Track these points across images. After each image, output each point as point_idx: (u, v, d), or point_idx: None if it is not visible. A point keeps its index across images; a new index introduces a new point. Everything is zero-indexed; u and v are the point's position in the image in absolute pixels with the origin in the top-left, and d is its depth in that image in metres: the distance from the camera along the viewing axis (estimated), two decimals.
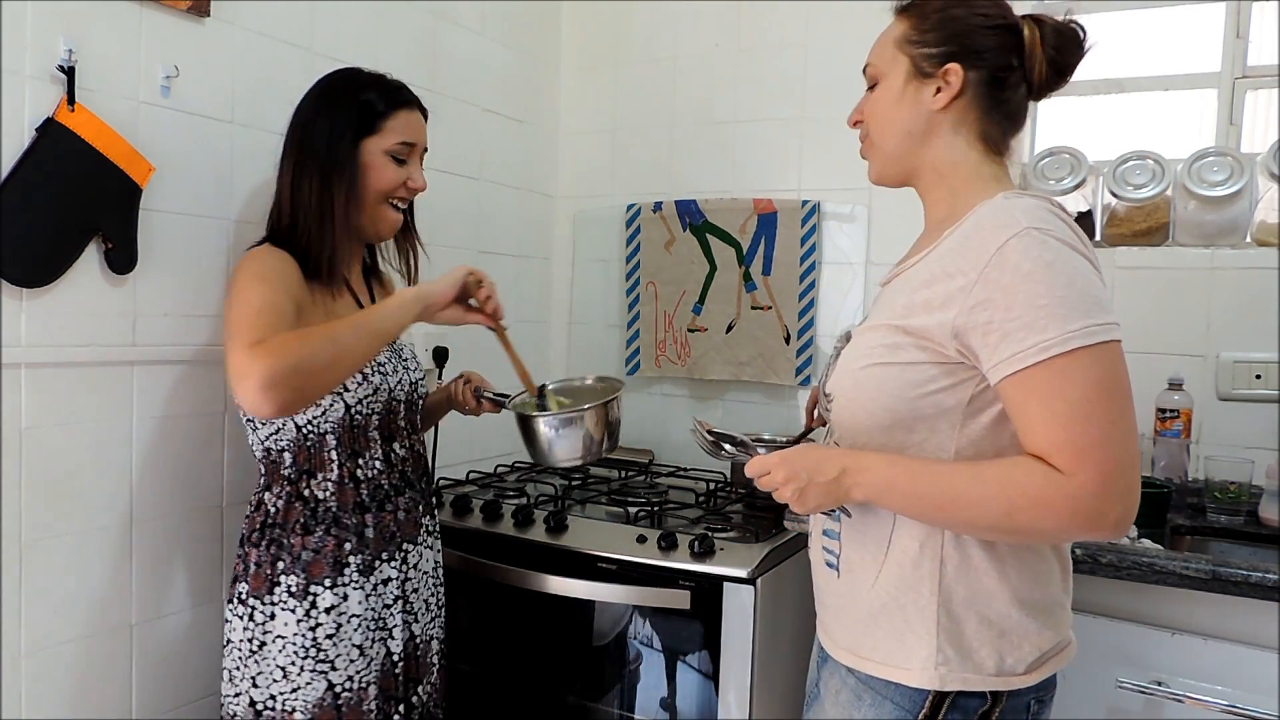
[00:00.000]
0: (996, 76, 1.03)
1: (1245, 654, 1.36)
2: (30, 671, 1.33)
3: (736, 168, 2.27)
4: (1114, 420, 0.87)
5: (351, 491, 1.36)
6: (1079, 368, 0.87)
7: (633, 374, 2.37)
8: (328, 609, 1.31)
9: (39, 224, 1.28)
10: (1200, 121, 2.03)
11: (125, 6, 1.39)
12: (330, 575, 1.32)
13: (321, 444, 1.34)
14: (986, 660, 0.98)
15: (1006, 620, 0.98)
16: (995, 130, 1.05)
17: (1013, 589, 0.98)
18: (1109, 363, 0.88)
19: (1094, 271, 0.92)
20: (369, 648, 1.36)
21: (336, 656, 1.32)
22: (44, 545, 1.34)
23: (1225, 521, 1.67)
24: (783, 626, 1.56)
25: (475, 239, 2.20)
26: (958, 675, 0.97)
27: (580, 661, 1.65)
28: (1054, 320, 0.87)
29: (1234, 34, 1.97)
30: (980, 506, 0.91)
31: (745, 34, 2.24)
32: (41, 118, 1.28)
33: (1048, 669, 1.00)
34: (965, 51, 1.02)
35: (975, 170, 1.04)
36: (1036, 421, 0.89)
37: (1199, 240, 1.86)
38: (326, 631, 1.31)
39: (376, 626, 1.37)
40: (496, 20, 2.22)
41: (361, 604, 1.34)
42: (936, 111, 1.04)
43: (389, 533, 1.39)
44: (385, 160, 1.38)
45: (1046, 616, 1.00)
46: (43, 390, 1.32)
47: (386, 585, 1.39)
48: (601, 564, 1.57)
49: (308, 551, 1.32)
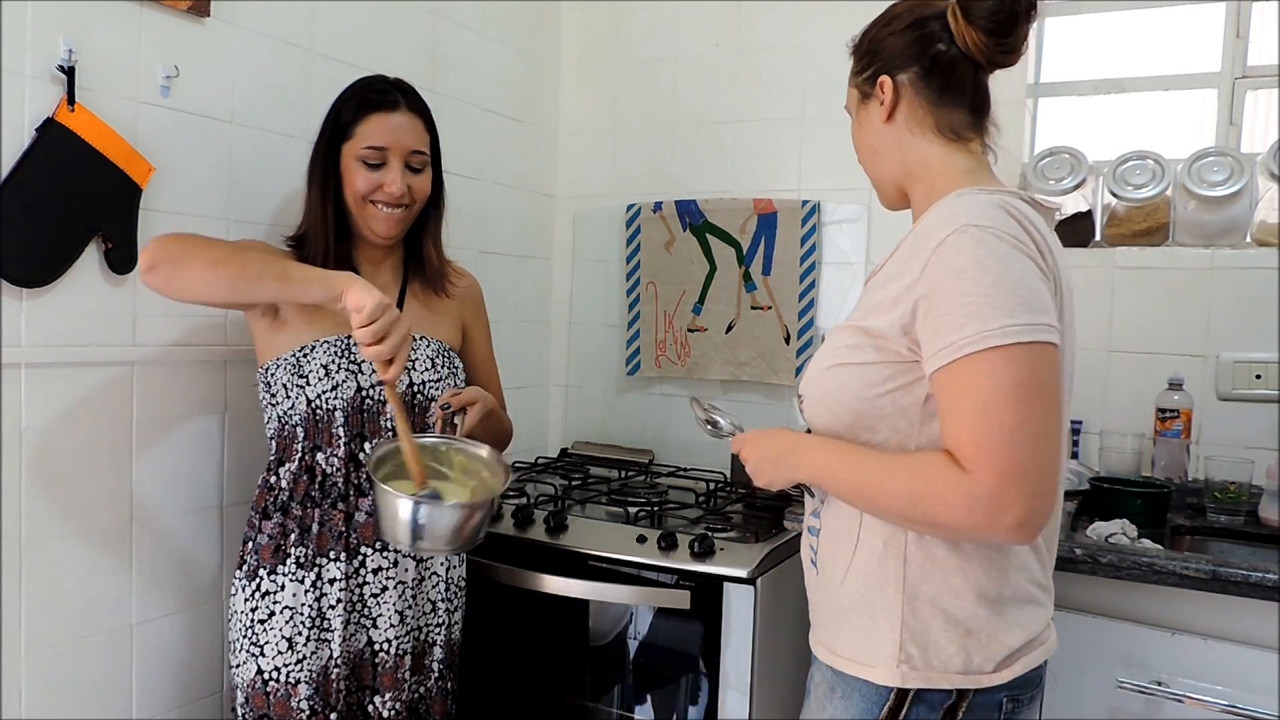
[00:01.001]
0: (926, 68, 1.04)
1: (1245, 654, 1.36)
2: (30, 671, 1.33)
3: (736, 168, 2.27)
4: (1023, 421, 0.85)
5: (305, 484, 1.37)
6: (992, 367, 0.86)
7: (633, 374, 2.37)
8: (264, 594, 1.34)
9: (39, 224, 1.28)
10: (1200, 121, 2.03)
11: (125, 6, 1.39)
12: (272, 563, 1.35)
13: (292, 435, 1.38)
14: (953, 658, 0.97)
15: (973, 619, 0.97)
16: (953, 116, 1.05)
17: (978, 586, 0.97)
18: (1029, 364, 0.86)
19: (1035, 271, 0.90)
20: (300, 644, 1.33)
21: (265, 644, 1.34)
22: (44, 545, 1.34)
23: (1225, 521, 1.67)
24: (783, 626, 1.56)
25: (475, 239, 2.20)
26: (921, 674, 0.98)
27: (580, 661, 1.65)
28: (974, 318, 0.87)
29: (1234, 34, 1.97)
30: (890, 495, 0.93)
31: (745, 34, 2.24)
32: (41, 118, 1.28)
33: (1019, 666, 0.99)
34: (886, 61, 1.06)
35: (944, 163, 1.05)
36: (948, 417, 0.90)
37: (1199, 240, 1.86)
38: (260, 616, 1.34)
39: (310, 625, 1.34)
40: (496, 20, 2.22)
41: (296, 597, 1.33)
42: (884, 124, 1.08)
43: (338, 532, 1.36)
44: (356, 165, 1.39)
45: (1016, 613, 0.99)
46: (43, 390, 1.32)
47: (333, 585, 1.35)
48: (601, 564, 1.57)
49: (263, 536, 1.36)
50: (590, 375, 2.46)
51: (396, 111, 1.41)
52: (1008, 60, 1.04)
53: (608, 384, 2.44)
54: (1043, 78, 2.13)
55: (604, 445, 2.36)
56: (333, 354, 1.37)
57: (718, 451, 2.14)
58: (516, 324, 2.36)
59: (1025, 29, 1.02)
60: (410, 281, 1.52)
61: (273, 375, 1.39)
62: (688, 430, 2.33)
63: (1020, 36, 1.02)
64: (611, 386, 2.44)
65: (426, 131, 1.46)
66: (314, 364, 1.36)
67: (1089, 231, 1.97)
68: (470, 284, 1.63)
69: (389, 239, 1.45)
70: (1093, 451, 1.92)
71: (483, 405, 1.41)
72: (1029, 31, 1.03)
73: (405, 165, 1.41)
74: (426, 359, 1.46)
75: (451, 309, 1.56)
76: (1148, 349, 1.89)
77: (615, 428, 2.42)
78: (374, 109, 1.40)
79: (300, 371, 1.36)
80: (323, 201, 1.40)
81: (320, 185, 1.41)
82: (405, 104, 1.43)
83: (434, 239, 1.52)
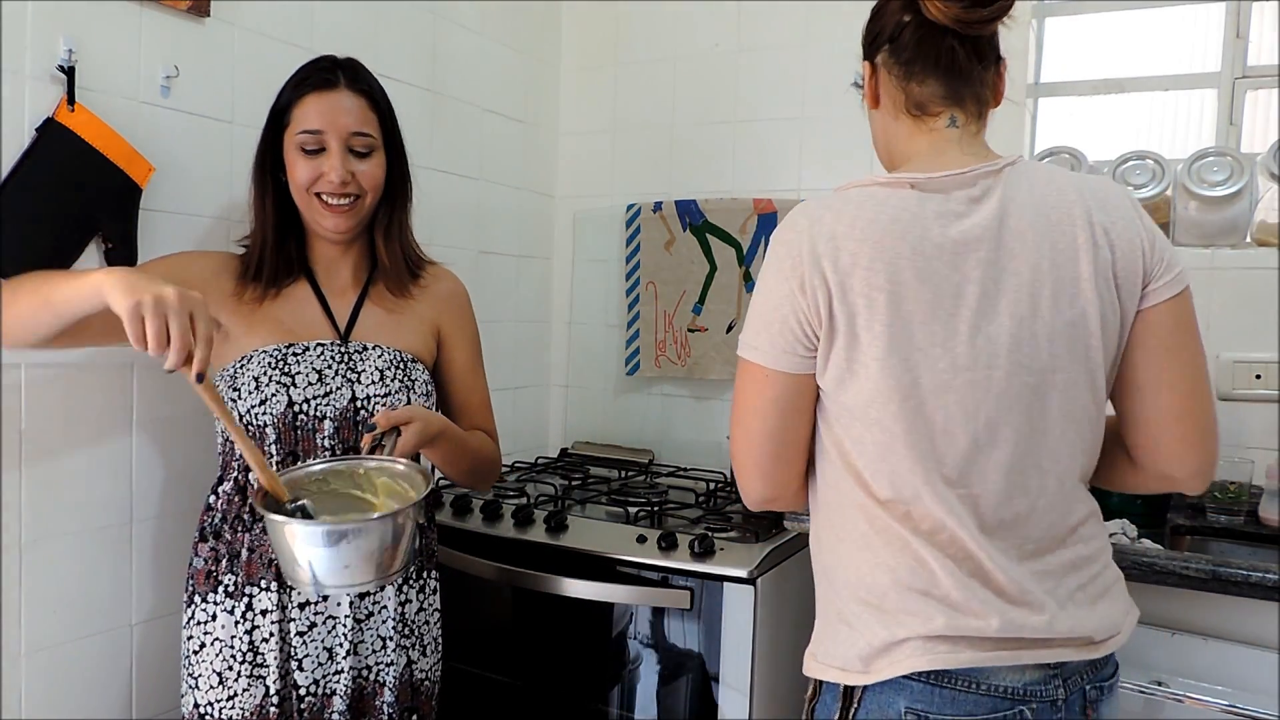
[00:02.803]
0: (894, 43, 1.01)
1: (1245, 654, 1.36)
2: (30, 671, 1.33)
3: (736, 168, 2.27)
4: (736, 420, 1.04)
5: (238, 505, 1.27)
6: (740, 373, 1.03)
7: (633, 374, 2.37)
8: (197, 623, 1.27)
9: (39, 224, 1.28)
10: (1200, 121, 2.03)
11: (125, 6, 1.39)
12: (204, 589, 1.27)
13: (230, 453, 1.29)
14: (831, 651, 1.00)
15: (853, 615, 0.97)
16: (921, 91, 1.01)
17: (860, 585, 0.96)
18: (743, 376, 1.02)
19: (782, 285, 0.96)
20: (230, 679, 1.24)
21: (199, 676, 1.26)
22: (44, 545, 1.34)
23: (1225, 521, 1.67)
24: (783, 626, 1.56)
25: (475, 239, 2.20)
26: (817, 665, 1.01)
27: (580, 661, 1.65)
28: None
29: (1234, 34, 1.96)
30: None
31: (745, 34, 2.24)
32: (41, 118, 1.28)
33: (890, 668, 0.92)
34: (866, 46, 1.07)
35: (907, 146, 1.04)
36: None
37: (1199, 240, 1.86)
38: (193, 647, 1.27)
39: (241, 659, 1.24)
40: (496, 20, 2.22)
41: (226, 629, 1.24)
42: (873, 110, 1.08)
43: (268, 559, 1.24)
44: (296, 154, 1.27)
45: (898, 613, 0.93)
46: (43, 390, 1.32)
47: (265, 617, 1.24)
48: (601, 564, 1.57)
49: (198, 559, 1.28)
50: (590, 375, 2.46)
51: (334, 90, 1.27)
52: (982, 15, 0.95)
53: (608, 384, 2.44)
54: (1043, 78, 2.13)
55: (604, 445, 2.36)
56: (266, 365, 1.26)
57: (718, 451, 2.14)
58: (516, 324, 2.36)
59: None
60: (373, 283, 1.39)
61: (217, 389, 1.22)
62: (688, 430, 2.33)
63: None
64: (611, 386, 2.44)
65: (373, 111, 1.31)
66: (246, 376, 1.25)
67: None
68: (451, 287, 1.48)
69: (340, 234, 1.31)
70: None
71: (420, 426, 1.21)
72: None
73: (347, 150, 1.27)
74: (375, 370, 1.31)
75: (422, 314, 1.41)
76: None
77: (615, 428, 2.42)
78: (310, 89, 1.27)
79: (234, 385, 1.26)
80: (262, 197, 1.32)
81: (259, 179, 1.32)
82: (345, 81, 1.29)
83: (387, 234, 1.37)
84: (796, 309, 0.95)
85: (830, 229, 0.94)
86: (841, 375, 0.95)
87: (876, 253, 0.92)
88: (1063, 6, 2.10)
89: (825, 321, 0.94)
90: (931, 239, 0.92)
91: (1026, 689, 0.93)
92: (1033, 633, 0.91)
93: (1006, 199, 0.95)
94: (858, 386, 0.94)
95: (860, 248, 0.92)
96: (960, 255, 0.92)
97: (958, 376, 0.92)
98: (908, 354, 0.92)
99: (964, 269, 0.92)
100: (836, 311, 0.93)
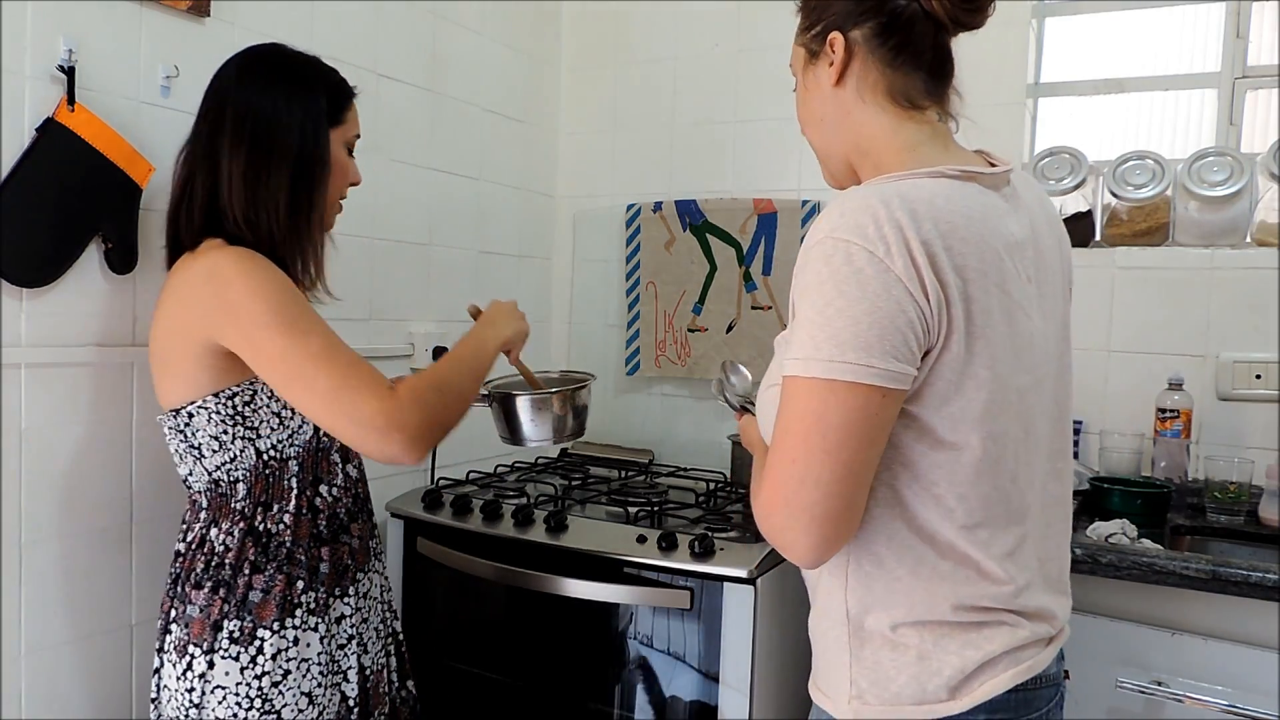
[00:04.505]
0: (884, 24, 0.93)
1: (1245, 654, 1.36)
2: (30, 671, 1.33)
3: (736, 168, 2.27)
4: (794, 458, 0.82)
5: (308, 523, 1.25)
6: (793, 392, 0.83)
7: (633, 374, 2.37)
8: (274, 655, 1.18)
9: (39, 224, 1.28)
10: (1200, 121, 2.03)
11: (125, 6, 1.39)
12: (279, 618, 1.19)
13: (283, 471, 1.23)
14: (904, 688, 0.90)
15: (921, 644, 0.89)
16: (906, 82, 0.94)
17: (921, 611, 0.89)
18: (818, 399, 0.81)
19: (876, 296, 0.80)
20: (319, 695, 1.22)
21: (283, 706, 1.19)
22: (44, 545, 1.34)
23: (1225, 521, 1.67)
24: (783, 626, 1.56)
25: (475, 239, 2.20)
26: (873, 708, 0.91)
27: (580, 662, 1.65)
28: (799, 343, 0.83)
29: (1234, 34, 1.97)
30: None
31: (745, 34, 2.24)
32: (41, 118, 1.28)
33: (982, 691, 0.89)
34: (841, 15, 0.95)
35: (891, 138, 0.94)
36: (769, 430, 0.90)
37: (1199, 240, 1.86)
38: (272, 680, 1.18)
39: (329, 671, 1.24)
40: (496, 20, 2.22)
41: (313, 647, 1.22)
42: (834, 88, 0.96)
43: (343, 566, 1.28)
44: (344, 153, 1.29)
45: (973, 634, 0.89)
46: (43, 390, 1.32)
47: (340, 624, 1.27)
48: (602, 564, 1.57)
49: (255, 592, 1.19)
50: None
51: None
52: (974, 20, 0.93)
53: (607, 384, 2.44)
54: (1043, 78, 2.13)
55: (604, 445, 2.36)
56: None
57: (718, 451, 2.14)
58: None
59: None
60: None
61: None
62: (688, 430, 2.33)
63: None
64: (611, 386, 2.44)
65: None
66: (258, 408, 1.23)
67: (1089, 231, 1.97)
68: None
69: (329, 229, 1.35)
70: (1093, 451, 1.92)
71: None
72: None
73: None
74: None
75: None
76: (1148, 349, 1.89)
77: (615, 428, 2.42)
78: (352, 93, 1.31)
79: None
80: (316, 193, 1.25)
81: (318, 173, 1.24)
82: None
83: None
84: (920, 313, 0.81)
85: (932, 223, 0.82)
86: (948, 389, 0.85)
87: (983, 251, 0.85)
88: (1063, 6, 2.10)
89: (943, 326, 0.82)
90: (1004, 237, 0.88)
91: (1058, 672, 0.97)
92: (1059, 624, 0.97)
93: (1027, 204, 0.95)
94: (965, 400, 0.85)
95: (966, 246, 0.84)
96: (1017, 256, 0.90)
97: (1035, 381, 0.91)
98: (1012, 360, 0.88)
99: (1024, 270, 0.90)
100: (955, 314, 0.83)
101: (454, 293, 2.13)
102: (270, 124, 1.20)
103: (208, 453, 1.20)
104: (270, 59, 1.26)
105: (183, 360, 1.17)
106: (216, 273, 1.14)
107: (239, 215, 1.19)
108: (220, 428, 1.19)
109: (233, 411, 1.18)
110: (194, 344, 1.15)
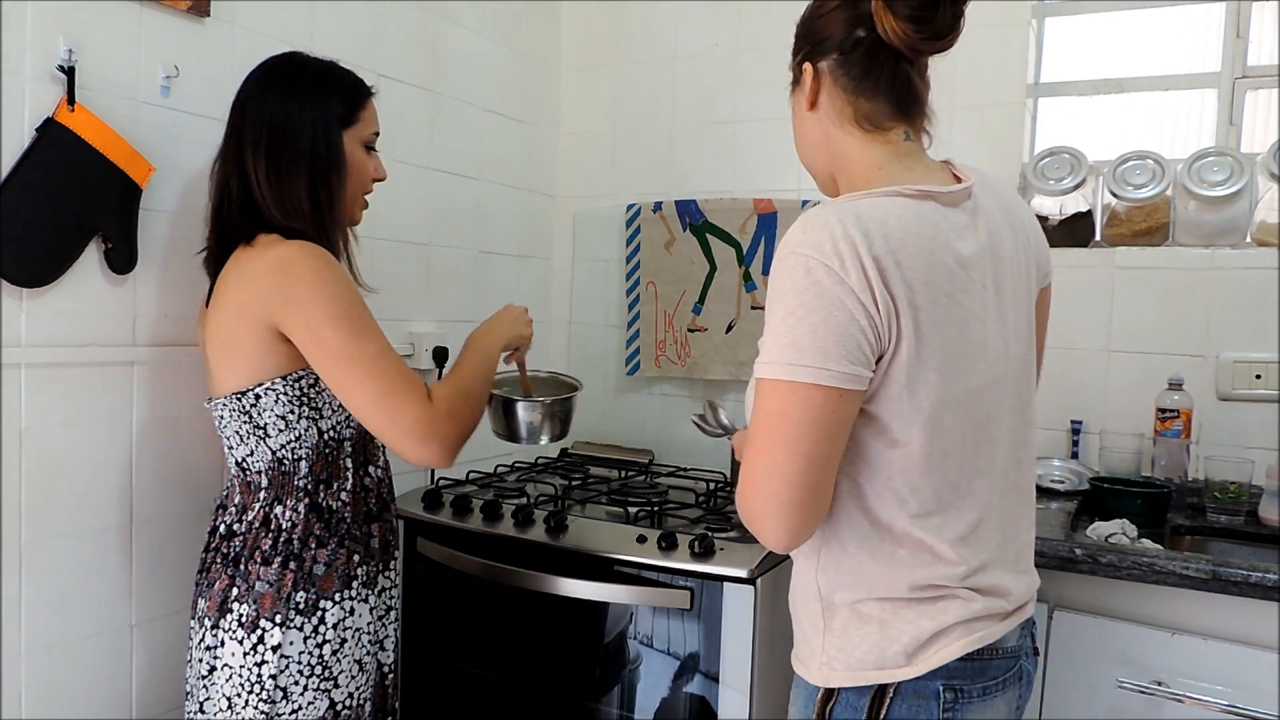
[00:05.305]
0: (845, 54, 1.00)
1: (1245, 654, 1.36)
2: (30, 671, 1.33)
3: (736, 168, 2.27)
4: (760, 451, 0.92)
5: (362, 500, 1.35)
6: (761, 392, 0.93)
7: (633, 374, 2.37)
8: (335, 624, 1.27)
9: (39, 224, 1.28)
10: (1200, 121, 2.03)
11: (125, 6, 1.39)
12: (339, 590, 1.28)
13: (339, 450, 1.32)
14: (867, 654, 0.98)
15: (883, 614, 0.98)
16: (870, 107, 1.01)
17: (882, 586, 0.98)
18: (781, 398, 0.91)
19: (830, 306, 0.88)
20: (367, 662, 1.34)
21: (340, 673, 1.29)
22: (44, 545, 1.34)
23: (1225, 521, 1.67)
24: (783, 626, 1.56)
25: (475, 239, 2.20)
26: (841, 673, 1.00)
27: (580, 661, 1.65)
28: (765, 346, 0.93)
29: (1234, 34, 1.97)
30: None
31: (745, 34, 2.24)
32: (41, 118, 1.28)
33: (937, 656, 0.97)
34: (812, 46, 1.04)
35: (860, 157, 1.03)
36: None
37: (1199, 240, 1.86)
38: (332, 648, 1.27)
39: (374, 640, 1.36)
40: (496, 20, 2.22)
41: (364, 617, 1.32)
42: (809, 112, 1.05)
43: (386, 541, 1.38)
44: (362, 152, 1.35)
45: (928, 606, 0.98)
46: (43, 390, 1.32)
47: (381, 596, 1.37)
48: (601, 564, 1.57)
49: (320, 565, 1.27)
50: (590, 375, 2.46)
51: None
52: (936, 47, 0.98)
53: (607, 384, 2.44)
54: (1043, 78, 2.13)
55: (604, 445, 2.36)
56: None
57: (718, 451, 2.14)
58: None
59: (951, 12, 0.96)
60: None
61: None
62: (688, 430, 2.32)
63: (946, 21, 0.96)
64: (611, 386, 2.44)
65: None
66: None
67: (1089, 231, 1.97)
68: None
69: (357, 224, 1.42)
70: (1093, 451, 1.92)
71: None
72: (961, 14, 0.97)
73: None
74: None
75: None
76: (1148, 349, 1.89)
77: (615, 428, 2.42)
78: (369, 92, 1.37)
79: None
80: (336, 193, 1.32)
81: (334, 174, 1.31)
82: None
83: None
84: (871, 322, 0.89)
85: (883, 240, 0.90)
86: (901, 391, 0.92)
87: (931, 265, 0.92)
88: (1063, 6, 2.10)
89: (892, 333, 0.90)
90: (955, 251, 0.95)
91: (1019, 645, 1.05)
92: (1017, 600, 1.04)
93: (988, 214, 1.02)
94: (916, 400, 0.93)
95: (916, 261, 0.91)
96: (972, 267, 0.97)
97: (992, 381, 0.99)
98: (960, 364, 0.95)
99: (980, 278, 0.97)
100: (904, 323, 0.90)
101: (454, 293, 2.13)
102: (284, 129, 1.28)
103: (274, 432, 1.27)
104: (285, 68, 1.33)
105: (248, 345, 1.24)
106: (287, 266, 1.21)
107: (276, 213, 1.27)
108: (288, 408, 1.26)
109: (299, 393, 1.26)
110: (260, 330, 1.22)
